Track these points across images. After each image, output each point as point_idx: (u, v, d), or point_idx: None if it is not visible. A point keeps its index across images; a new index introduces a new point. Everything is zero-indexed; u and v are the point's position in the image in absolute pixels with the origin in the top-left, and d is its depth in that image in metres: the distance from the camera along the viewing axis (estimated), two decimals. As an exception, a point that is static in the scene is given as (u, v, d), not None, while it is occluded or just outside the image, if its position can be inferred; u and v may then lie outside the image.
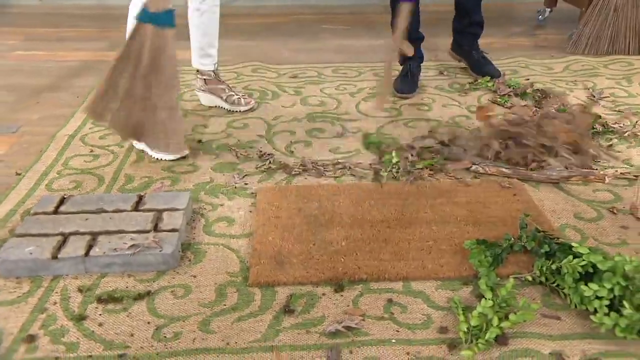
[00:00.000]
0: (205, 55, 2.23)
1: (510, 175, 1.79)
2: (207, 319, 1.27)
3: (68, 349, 1.17)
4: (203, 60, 2.24)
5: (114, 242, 1.42)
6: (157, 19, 1.63)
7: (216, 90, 2.28)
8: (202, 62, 2.24)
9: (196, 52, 2.22)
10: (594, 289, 1.23)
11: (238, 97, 2.29)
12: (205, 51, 2.21)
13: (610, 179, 1.78)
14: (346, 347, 1.20)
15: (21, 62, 2.83)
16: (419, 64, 2.56)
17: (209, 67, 2.26)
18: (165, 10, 1.64)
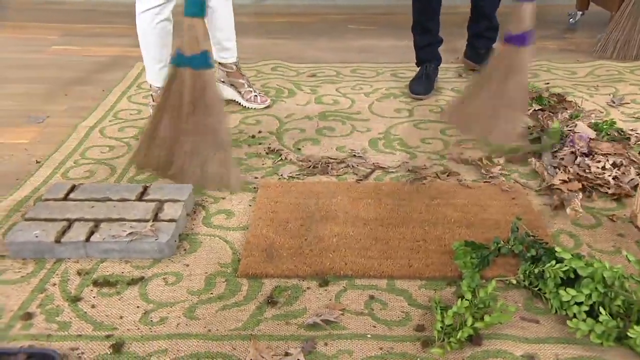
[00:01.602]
0: (224, 49, 2.29)
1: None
2: (193, 306, 1.33)
3: (60, 327, 1.26)
4: (222, 53, 2.31)
5: (115, 230, 1.50)
6: (193, 62, 1.57)
7: (236, 84, 2.35)
8: (221, 55, 2.31)
9: (215, 46, 2.28)
10: (572, 294, 1.23)
11: (255, 95, 2.35)
12: (223, 45, 2.28)
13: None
14: (322, 339, 1.24)
15: (56, 57, 2.97)
16: (436, 66, 2.56)
17: (230, 60, 2.33)
18: (202, 52, 1.57)
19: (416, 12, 2.47)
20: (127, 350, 1.20)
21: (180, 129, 1.60)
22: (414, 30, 2.52)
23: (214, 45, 2.28)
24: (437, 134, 2.16)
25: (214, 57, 2.27)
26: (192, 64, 1.55)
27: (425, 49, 2.53)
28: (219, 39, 2.26)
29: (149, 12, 1.96)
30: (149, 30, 2.00)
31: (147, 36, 2.02)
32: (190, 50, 1.54)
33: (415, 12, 2.47)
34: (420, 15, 2.47)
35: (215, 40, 2.26)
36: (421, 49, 2.54)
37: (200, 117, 1.58)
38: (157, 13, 1.96)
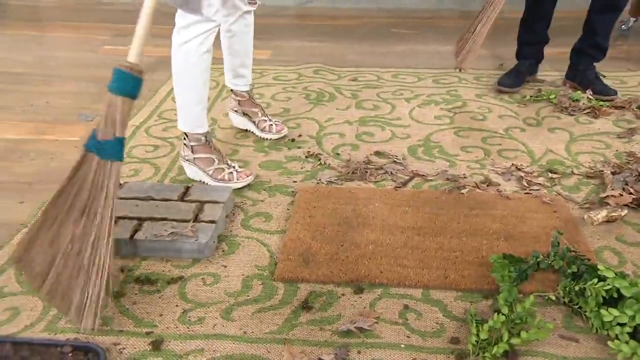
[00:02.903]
0: (238, 75, 2.11)
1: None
2: (230, 308, 1.35)
3: (103, 322, 1.30)
4: (236, 80, 2.13)
5: (157, 229, 1.54)
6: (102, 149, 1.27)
7: (250, 113, 2.16)
8: (235, 82, 2.13)
9: (229, 72, 2.11)
10: (614, 315, 1.20)
11: (270, 124, 2.15)
12: (237, 72, 2.09)
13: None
14: (355, 347, 1.24)
15: (107, 57, 3.07)
16: (533, 64, 2.57)
17: (242, 88, 2.13)
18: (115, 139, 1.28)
19: (526, 9, 2.48)
20: (166, 347, 1.24)
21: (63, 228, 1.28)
22: (521, 25, 2.55)
23: (228, 71, 2.10)
24: (478, 142, 2.14)
25: (227, 82, 2.15)
26: (101, 152, 1.27)
27: (526, 46, 2.55)
28: (233, 65, 2.07)
29: (193, 42, 1.70)
30: (192, 65, 1.73)
31: (189, 73, 1.75)
32: (102, 134, 1.27)
33: (526, 8, 2.48)
34: (530, 13, 2.48)
35: (229, 65, 2.08)
36: (522, 44, 2.56)
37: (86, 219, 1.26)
38: (201, 43, 1.70)
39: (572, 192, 1.79)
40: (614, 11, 2.40)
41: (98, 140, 1.27)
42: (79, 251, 1.24)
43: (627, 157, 1.98)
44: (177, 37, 1.71)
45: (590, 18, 2.46)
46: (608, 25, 2.44)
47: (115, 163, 1.28)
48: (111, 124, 1.27)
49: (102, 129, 1.27)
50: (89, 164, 1.28)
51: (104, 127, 1.27)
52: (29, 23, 3.68)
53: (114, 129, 1.27)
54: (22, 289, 1.40)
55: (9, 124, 2.27)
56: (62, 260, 1.25)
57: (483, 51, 3.03)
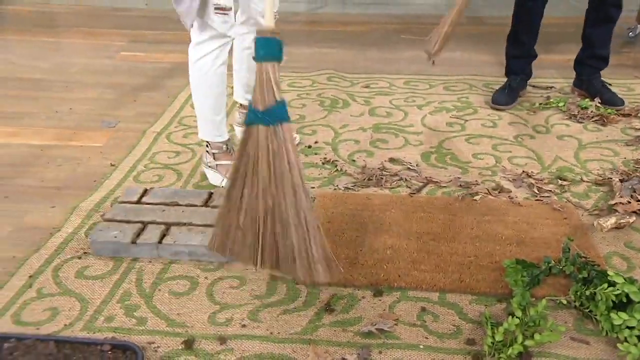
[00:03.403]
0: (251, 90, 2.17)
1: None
2: (256, 309, 1.42)
3: (138, 322, 1.38)
4: (248, 95, 1.98)
5: (184, 233, 1.62)
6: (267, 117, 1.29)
7: None
8: (248, 97, 2.06)
9: (242, 87, 2.12)
10: (624, 318, 1.27)
11: None
12: (251, 86, 2.16)
13: None
14: (376, 347, 1.31)
15: (125, 63, 3.15)
16: (523, 80, 2.60)
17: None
18: (277, 102, 1.29)
19: (514, 21, 2.51)
20: (198, 347, 1.31)
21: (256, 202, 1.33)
22: (508, 39, 2.58)
23: (241, 86, 2.12)
24: (489, 149, 2.20)
25: (236, 97, 2.17)
26: (267, 119, 1.29)
27: (514, 60, 2.58)
28: (248, 79, 2.08)
29: (209, 57, 1.76)
30: (208, 78, 1.78)
31: (206, 86, 1.81)
32: (263, 103, 1.29)
33: (514, 21, 2.51)
34: (518, 25, 2.51)
35: (243, 80, 2.10)
36: (511, 59, 2.59)
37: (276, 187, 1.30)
38: (217, 57, 1.76)
39: (581, 199, 1.86)
40: (608, 23, 2.45)
41: (260, 110, 1.29)
42: (280, 217, 1.30)
43: (635, 165, 2.04)
44: (193, 53, 1.77)
45: (586, 31, 2.52)
46: (604, 36, 2.49)
47: (284, 125, 1.29)
48: (269, 90, 1.29)
49: (260, 99, 1.29)
50: (256, 137, 1.30)
51: (263, 95, 1.29)
52: (44, 29, 3.76)
53: (273, 95, 1.29)
54: (60, 289, 1.48)
55: (34, 130, 2.35)
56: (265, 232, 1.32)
57: (489, 57, 3.11)
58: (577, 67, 2.62)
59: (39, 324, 1.36)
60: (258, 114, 1.28)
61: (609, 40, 2.51)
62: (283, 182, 1.29)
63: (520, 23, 2.50)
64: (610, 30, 2.48)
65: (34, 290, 1.47)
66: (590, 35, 2.51)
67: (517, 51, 2.57)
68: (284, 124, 1.29)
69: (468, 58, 3.18)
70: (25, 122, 2.41)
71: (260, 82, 1.29)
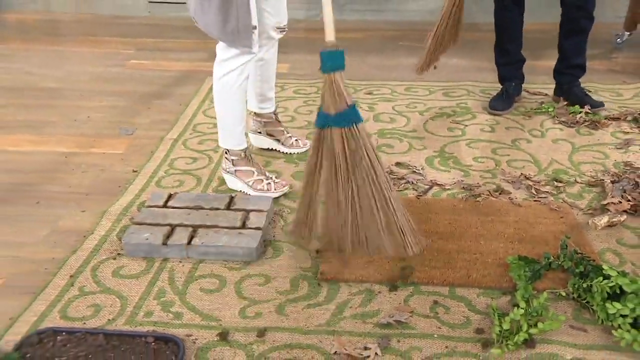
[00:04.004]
0: (266, 99, 2.22)
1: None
2: (283, 304, 1.55)
3: (175, 317, 1.50)
4: (264, 104, 2.23)
5: (210, 235, 1.74)
6: (342, 119, 1.46)
7: (275, 132, 2.29)
8: (262, 106, 2.23)
9: (255, 97, 2.20)
10: (617, 308, 1.41)
11: (296, 140, 2.32)
12: (266, 96, 2.21)
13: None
14: (395, 337, 1.44)
15: (134, 71, 3.25)
16: (518, 85, 2.74)
17: (270, 110, 2.25)
18: (350, 106, 1.46)
19: (497, 31, 2.66)
20: (232, 338, 1.43)
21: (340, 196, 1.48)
22: (495, 49, 2.72)
23: (254, 96, 2.20)
24: (489, 153, 2.34)
25: (251, 107, 2.23)
26: (341, 122, 1.46)
27: (504, 67, 2.72)
28: (263, 90, 2.19)
29: (234, 73, 1.86)
30: (233, 93, 1.89)
31: (231, 100, 1.92)
32: (335, 108, 1.45)
33: (496, 31, 2.66)
34: (500, 35, 2.66)
35: (257, 91, 2.19)
36: (501, 66, 2.74)
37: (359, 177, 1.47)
38: (241, 72, 1.87)
39: (576, 200, 2.00)
40: (580, 34, 2.58)
41: (333, 114, 1.46)
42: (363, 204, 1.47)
43: (625, 167, 2.19)
44: (219, 69, 1.88)
45: (561, 42, 2.66)
46: (578, 47, 2.62)
47: (359, 125, 1.48)
48: (340, 96, 1.46)
49: (332, 104, 1.46)
50: (329, 138, 1.47)
51: (335, 101, 1.46)
52: (51, 38, 3.84)
53: (344, 100, 1.46)
54: (99, 287, 1.59)
55: (57, 138, 2.45)
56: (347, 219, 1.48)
57: (484, 64, 3.24)
58: (556, 76, 2.76)
59: (84, 319, 1.48)
60: (331, 118, 1.45)
61: (583, 49, 2.64)
62: (363, 172, 1.45)
63: (502, 33, 2.65)
64: (583, 40, 2.61)
65: (76, 288, 1.58)
66: (565, 46, 2.65)
67: (505, 59, 2.71)
68: (358, 124, 1.47)
69: (464, 64, 3.31)
70: (47, 131, 2.52)
71: (330, 89, 1.46)
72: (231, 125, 1.97)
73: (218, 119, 1.99)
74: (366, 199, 1.46)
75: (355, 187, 1.47)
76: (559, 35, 2.64)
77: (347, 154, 1.46)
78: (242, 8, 1.73)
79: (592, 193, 2.04)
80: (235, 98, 1.91)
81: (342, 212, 1.49)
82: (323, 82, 1.48)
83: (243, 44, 1.79)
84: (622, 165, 2.21)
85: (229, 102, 1.92)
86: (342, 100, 1.46)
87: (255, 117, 2.28)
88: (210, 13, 1.75)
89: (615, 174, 2.12)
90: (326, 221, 1.51)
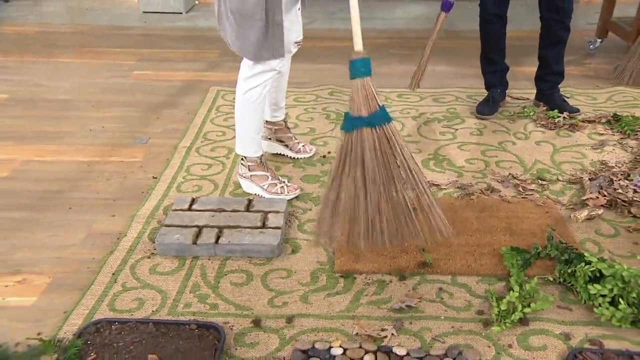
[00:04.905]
0: (279, 108, 2.39)
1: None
2: (306, 294, 1.74)
3: (211, 307, 1.68)
4: (276, 113, 2.39)
5: (235, 234, 1.92)
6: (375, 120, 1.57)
7: (284, 138, 2.47)
8: (275, 115, 2.39)
9: (269, 106, 2.33)
10: (598, 289, 1.63)
11: (303, 145, 2.51)
12: (279, 105, 2.37)
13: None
14: (407, 319, 1.64)
15: (139, 82, 3.40)
16: (502, 91, 2.98)
17: (281, 118, 2.43)
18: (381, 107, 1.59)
19: (482, 42, 2.89)
20: (264, 324, 1.62)
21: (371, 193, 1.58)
22: (481, 59, 2.96)
23: (270, 106, 2.34)
24: (478, 154, 2.56)
25: (266, 117, 2.34)
26: (374, 122, 1.57)
27: (490, 75, 2.96)
28: (277, 99, 2.35)
29: (258, 88, 2.03)
30: (256, 106, 2.06)
31: (252, 112, 2.07)
32: (367, 109, 1.58)
33: (482, 42, 2.89)
34: (485, 46, 2.90)
35: (272, 101, 2.34)
36: (487, 74, 2.97)
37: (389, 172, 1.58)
38: (264, 87, 2.04)
39: (558, 196, 2.23)
40: (559, 44, 2.83)
41: (366, 116, 1.58)
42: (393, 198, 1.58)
43: (600, 165, 2.43)
44: (243, 85, 2.04)
45: (541, 52, 2.90)
46: (557, 55, 2.87)
47: (389, 124, 1.59)
48: (371, 99, 1.59)
49: (364, 106, 1.59)
50: (358, 139, 1.58)
51: (367, 104, 1.59)
52: (55, 50, 3.95)
53: (375, 102, 1.59)
54: (140, 284, 1.77)
55: (76, 147, 2.61)
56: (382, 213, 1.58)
57: (469, 70, 3.47)
58: (537, 83, 3.01)
59: (131, 311, 1.65)
60: (364, 119, 1.58)
61: (562, 57, 2.89)
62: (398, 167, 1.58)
63: (487, 44, 2.89)
64: (562, 49, 2.86)
65: (119, 284, 1.76)
66: (545, 55, 2.89)
67: (491, 68, 2.94)
68: (389, 124, 1.59)
69: (451, 71, 3.54)
70: (66, 141, 2.66)
71: (362, 93, 1.60)
72: (250, 135, 2.14)
73: (238, 129, 2.17)
74: (400, 190, 1.59)
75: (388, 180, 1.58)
76: (539, 45, 2.88)
77: (380, 152, 1.57)
78: (279, 28, 1.92)
79: (573, 190, 2.27)
80: (256, 110, 2.08)
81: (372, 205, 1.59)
82: (352, 88, 1.61)
83: (279, 54, 1.98)
84: (598, 164, 2.45)
85: (251, 114, 2.09)
86: (373, 102, 1.59)
87: (266, 125, 2.44)
88: (247, 35, 1.91)
89: (592, 172, 2.36)
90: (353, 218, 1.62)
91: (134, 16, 4.75)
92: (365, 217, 1.60)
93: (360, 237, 1.60)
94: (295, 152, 2.51)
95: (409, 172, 1.60)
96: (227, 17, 1.95)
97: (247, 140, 2.16)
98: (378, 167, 1.58)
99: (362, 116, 1.59)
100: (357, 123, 1.59)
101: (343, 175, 1.61)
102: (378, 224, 1.60)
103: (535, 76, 3.00)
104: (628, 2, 3.96)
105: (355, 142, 1.59)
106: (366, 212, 1.60)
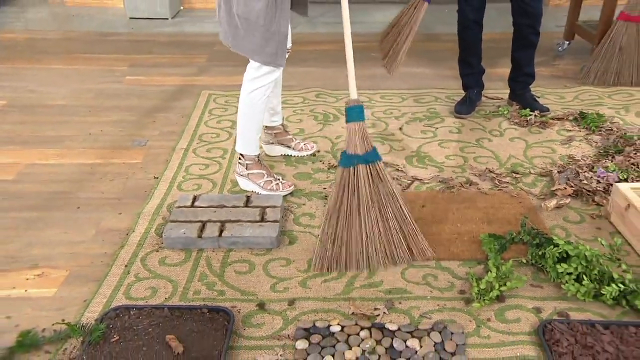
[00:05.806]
0: (276, 113, 2.53)
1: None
2: (304, 280, 1.91)
3: (219, 294, 1.84)
4: (274, 118, 2.54)
5: (236, 228, 2.08)
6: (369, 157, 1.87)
7: (285, 141, 2.63)
8: (273, 119, 2.54)
9: (267, 112, 2.45)
10: (565, 268, 1.83)
11: (304, 144, 2.68)
12: (276, 110, 2.52)
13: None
14: (397, 300, 1.83)
15: (132, 87, 3.53)
16: (479, 92, 3.19)
17: (279, 122, 2.58)
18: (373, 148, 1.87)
19: (460, 47, 3.10)
20: (268, 307, 1.79)
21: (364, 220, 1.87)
22: (459, 62, 3.16)
23: (268, 111, 2.46)
24: (457, 151, 2.76)
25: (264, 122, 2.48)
26: (368, 159, 1.88)
27: (467, 77, 3.16)
28: (274, 105, 2.49)
29: (262, 89, 2.15)
30: (258, 106, 2.19)
31: (255, 112, 2.20)
32: (362, 149, 1.88)
33: (459, 47, 3.10)
34: (463, 50, 3.10)
35: (270, 106, 2.46)
36: (464, 76, 3.17)
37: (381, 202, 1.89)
38: (268, 88, 2.17)
39: (530, 188, 2.43)
40: (529, 47, 3.04)
41: (361, 154, 1.88)
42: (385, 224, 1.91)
43: (568, 159, 2.65)
44: (249, 85, 2.17)
45: (513, 56, 3.12)
46: (529, 58, 3.08)
47: (380, 163, 1.91)
48: (365, 140, 1.90)
49: (359, 146, 1.89)
50: (354, 174, 1.88)
51: (362, 144, 1.89)
52: (47, 56, 4.05)
53: (368, 143, 1.90)
54: (151, 274, 1.92)
55: (77, 151, 2.73)
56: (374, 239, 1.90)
57: (447, 72, 3.67)
58: (510, 83, 3.22)
59: (145, 299, 1.80)
60: (360, 157, 1.90)
61: (532, 59, 3.11)
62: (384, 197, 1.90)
63: (464, 49, 3.10)
64: (532, 52, 3.08)
65: (132, 275, 1.90)
66: (517, 58, 3.11)
67: (468, 70, 3.15)
68: (379, 162, 1.92)
69: (429, 72, 3.74)
70: (67, 145, 2.79)
71: (358, 135, 1.91)
72: (251, 134, 2.28)
73: (240, 128, 2.30)
74: (390, 218, 1.91)
75: (379, 210, 1.90)
76: (512, 48, 3.10)
77: (372, 184, 1.89)
78: (282, 36, 2.07)
79: (543, 181, 2.48)
80: (259, 110, 2.22)
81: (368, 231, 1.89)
82: (348, 130, 1.91)
83: (278, 64, 2.13)
84: (566, 158, 2.66)
85: (254, 114, 2.22)
86: (367, 143, 1.89)
87: (266, 130, 2.58)
88: (251, 38, 2.05)
89: (561, 165, 2.57)
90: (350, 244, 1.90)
91: (121, 22, 4.85)
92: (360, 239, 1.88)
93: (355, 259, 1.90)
94: (298, 151, 2.65)
95: (396, 201, 1.91)
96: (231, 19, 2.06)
97: (247, 138, 2.30)
98: (371, 196, 1.88)
99: (359, 154, 1.87)
100: (354, 160, 1.87)
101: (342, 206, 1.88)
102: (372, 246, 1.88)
103: (508, 77, 3.21)
104: (593, 5, 4.20)
105: (352, 175, 1.88)
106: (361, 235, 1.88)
